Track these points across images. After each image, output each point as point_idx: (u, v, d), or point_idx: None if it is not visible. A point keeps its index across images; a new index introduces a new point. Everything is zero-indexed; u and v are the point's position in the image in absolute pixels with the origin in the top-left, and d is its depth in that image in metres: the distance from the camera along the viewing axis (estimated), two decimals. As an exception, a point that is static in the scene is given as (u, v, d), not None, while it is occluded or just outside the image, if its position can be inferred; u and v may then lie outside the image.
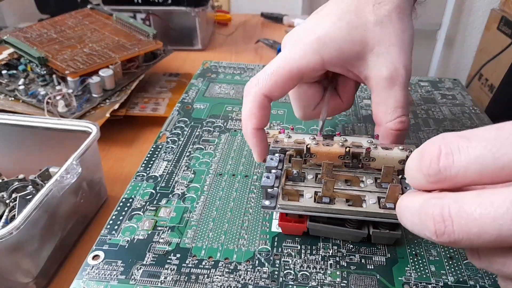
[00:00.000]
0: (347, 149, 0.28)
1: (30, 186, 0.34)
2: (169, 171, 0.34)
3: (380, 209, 0.25)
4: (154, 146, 0.37)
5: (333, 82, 0.33)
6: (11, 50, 0.52)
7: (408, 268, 0.26)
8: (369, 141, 0.28)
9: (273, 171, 0.28)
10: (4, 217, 0.32)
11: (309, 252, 0.27)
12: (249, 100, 0.29)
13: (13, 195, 0.33)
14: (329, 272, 0.26)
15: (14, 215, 0.31)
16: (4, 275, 0.28)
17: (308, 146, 0.28)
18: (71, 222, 0.33)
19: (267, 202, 0.26)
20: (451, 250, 0.27)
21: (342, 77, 0.32)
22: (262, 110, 0.29)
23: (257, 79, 0.29)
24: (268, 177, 0.26)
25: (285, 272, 0.26)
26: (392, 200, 0.25)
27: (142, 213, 0.30)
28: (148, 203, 0.31)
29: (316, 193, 0.26)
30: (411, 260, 0.27)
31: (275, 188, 0.27)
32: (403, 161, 0.27)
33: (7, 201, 0.33)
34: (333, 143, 0.28)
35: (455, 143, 0.17)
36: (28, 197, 0.32)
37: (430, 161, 0.17)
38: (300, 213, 0.26)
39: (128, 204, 0.31)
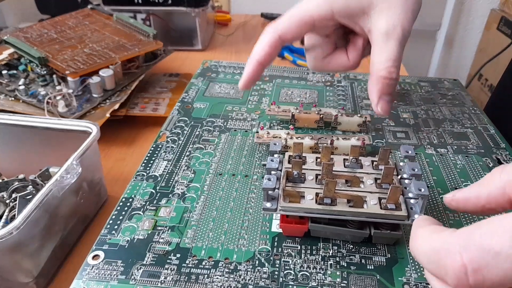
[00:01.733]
0: (321, 115, 0.39)
1: (30, 186, 0.34)
2: (169, 171, 0.34)
3: (382, 210, 0.26)
4: (154, 145, 0.37)
5: (343, 40, 0.35)
6: (12, 50, 0.52)
7: (408, 269, 0.26)
8: (336, 110, 0.39)
9: (273, 172, 0.28)
10: (4, 217, 0.32)
11: (309, 252, 0.27)
12: (264, 37, 0.32)
13: (13, 195, 0.33)
14: (329, 272, 0.26)
15: (14, 215, 0.31)
16: (4, 275, 0.28)
17: (293, 113, 0.39)
18: (71, 222, 0.33)
19: (268, 204, 0.26)
20: (451, 250, 0.27)
21: (352, 36, 0.34)
22: (271, 48, 0.32)
23: (276, 22, 0.32)
24: (269, 179, 0.27)
25: (285, 272, 0.26)
26: (393, 201, 0.26)
27: (142, 213, 0.30)
28: (148, 202, 0.31)
29: (317, 194, 0.27)
30: (411, 261, 0.27)
31: (276, 190, 0.27)
32: (360, 124, 0.39)
33: (7, 201, 0.33)
34: (310, 112, 0.39)
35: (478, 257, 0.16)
36: (28, 197, 0.32)
37: (457, 279, 0.17)
38: (302, 215, 0.26)
39: (128, 204, 0.31)
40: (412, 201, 0.27)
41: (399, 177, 0.28)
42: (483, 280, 0.16)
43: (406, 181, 0.28)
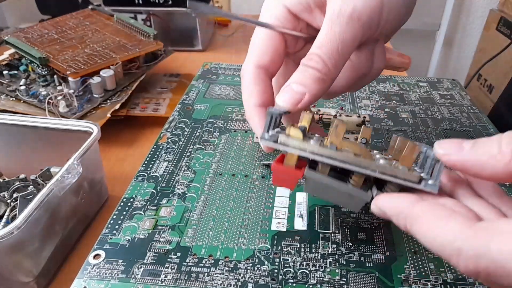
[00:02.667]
0: (320, 115, 0.40)
1: (31, 186, 0.34)
2: (169, 171, 0.34)
3: (391, 167, 0.22)
4: (154, 146, 0.37)
5: None
6: (12, 50, 0.52)
7: (407, 266, 0.26)
8: (335, 110, 0.40)
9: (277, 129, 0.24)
10: (5, 216, 0.32)
11: (308, 250, 0.27)
12: (244, 79, 0.28)
13: (14, 195, 0.33)
14: (328, 270, 0.26)
15: (15, 215, 0.32)
16: (5, 275, 0.28)
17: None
18: (72, 221, 0.33)
19: (266, 135, 0.23)
20: (450, 249, 0.28)
21: None
22: (259, 85, 0.28)
23: (246, 57, 0.29)
24: (276, 109, 0.24)
25: (284, 270, 0.26)
26: (406, 162, 0.22)
27: (142, 213, 0.30)
28: (148, 202, 0.31)
29: (321, 142, 0.23)
30: (410, 258, 0.27)
31: (280, 134, 0.23)
32: (359, 124, 0.39)
33: (8, 201, 0.33)
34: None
35: None
36: (29, 197, 0.32)
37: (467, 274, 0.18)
38: (301, 154, 0.22)
39: (129, 204, 0.31)
40: (427, 166, 0.22)
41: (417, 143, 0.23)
42: (495, 282, 0.16)
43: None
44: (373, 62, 0.29)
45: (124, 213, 0.30)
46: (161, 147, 0.37)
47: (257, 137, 0.37)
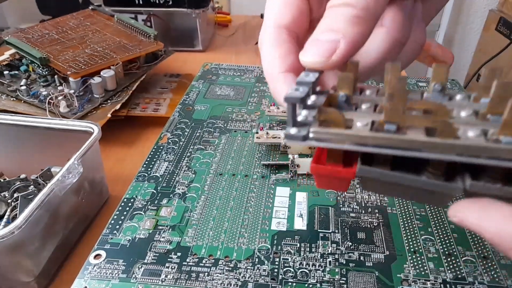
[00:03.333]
0: None
1: (32, 186, 0.34)
2: (170, 171, 0.34)
3: (490, 142, 0.15)
4: (155, 146, 0.37)
5: None
6: (13, 50, 0.52)
7: (407, 265, 0.26)
8: None
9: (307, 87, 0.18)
10: (5, 216, 0.32)
11: (308, 249, 0.27)
12: (263, 46, 0.23)
13: (15, 195, 0.33)
14: (328, 269, 0.26)
15: (16, 215, 0.32)
16: (6, 275, 0.28)
17: None
18: (73, 221, 0.33)
19: (293, 130, 0.17)
20: (450, 247, 0.28)
21: None
22: (281, 47, 0.22)
23: (263, 23, 0.23)
24: (297, 89, 0.17)
25: (284, 269, 0.26)
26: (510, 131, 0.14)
27: (143, 213, 0.30)
28: (149, 202, 0.31)
29: (373, 121, 0.17)
30: (410, 257, 0.27)
31: (308, 118, 0.17)
32: None
33: (9, 201, 0.33)
34: None
35: None
36: (29, 197, 0.32)
37: None
38: (347, 148, 0.16)
39: (130, 204, 0.31)
40: None
41: None
42: None
43: None
44: (410, 29, 0.23)
45: (125, 213, 0.30)
46: (161, 147, 0.37)
47: (257, 138, 0.37)
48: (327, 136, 0.16)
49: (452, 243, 0.28)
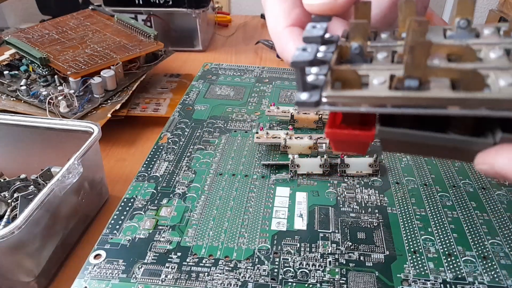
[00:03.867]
0: (320, 115, 0.37)
1: (32, 186, 0.34)
2: (170, 171, 0.34)
3: None
4: (155, 146, 0.38)
5: None
6: (13, 50, 0.52)
7: (407, 265, 0.26)
8: None
9: (315, 44, 0.16)
10: (5, 216, 0.32)
11: (308, 249, 0.27)
12: (268, 2, 0.21)
13: (15, 195, 0.33)
14: (328, 269, 0.26)
15: (16, 215, 0.32)
16: (6, 275, 0.28)
17: (292, 114, 0.38)
18: (73, 221, 0.33)
19: (304, 96, 0.15)
20: (450, 247, 0.28)
21: None
22: (285, 2, 0.20)
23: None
24: (304, 49, 0.16)
25: (284, 269, 0.26)
26: None
27: (143, 213, 0.30)
28: (149, 202, 0.31)
29: (392, 76, 0.15)
30: (410, 257, 0.27)
31: (319, 77, 0.16)
32: None
33: (9, 201, 0.33)
34: (309, 112, 0.37)
35: None
36: (29, 197, 0.32)
37: None
38: (364, 110, 0.15)
39: (130, 204, 0.31)
40: None
41: None
42: None
43: None
44: None
45: (125, 213, 0.30)
46: (161, 147, 0.37)
47: (257, 138, 0.37)
48: (342, 100, 0.15)
49: (452, 243, 0.28)
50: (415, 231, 0.29)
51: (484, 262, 0.27)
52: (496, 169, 0.14)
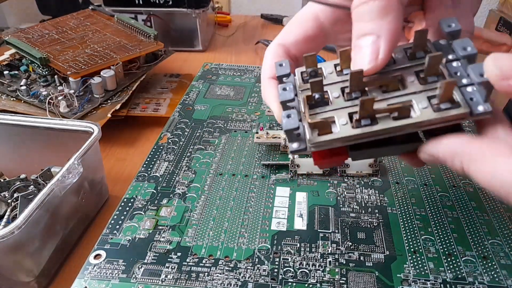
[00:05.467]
0: None
1: (32, 186, 0.34)
2: (170, 171, 0.34)
3: (435, 113, 0.20)
4: (155, 146, 0.37)
5: None
6: (13, 50, 0.52)
7: (407, 265, 0.26)
8: None
9: (291, 104, 0.22)
10: (5, 216, 0.32)
11: (308, 249, 0.27)
12: (265, 56, 0.27)
13: (15, 195, 0.33)
14: (328, 269, 0.26)
15: (16, 215, 0.32)
16: (6, 274, 0.28)
17: None
18: (73, 221, 0.33)
19: (295, 145, 0.21)
20: (450, 247, 0.28)
21: None
22: (274, 59, 0.25)
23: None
24: (289, 116, 0.21)
25: (284, 269, 0.26)
26: (447, 99, 0.20)
27: (143, 213, 0.30)
28: (149, 202, 0.31)
29: (350, 115, 0.21)
30: (410, 257, 0.27)
31: (298, 124, 0.22)
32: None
33: (9, 201, 0.33)
34: None
35: None
36: (29, 197, 0.32)
37: None
38: (339, 145, 0.21)
39: (130, 204, 0.31)
40: (468, 88, 0.20)
41: (444, 60, 0.21)
42: None
43: (454, 63, 0.21)
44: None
45: (125, 213, 0.30)
46: (161, 147, 0.37)
47: (257, 138, 0.37)
48: (322, 143, 0.21)
49: (452, 243, 0.28)
50: (415, 231, 0.29)
51: (484, 262, 0.27)
52: (440, 154, 0.20)
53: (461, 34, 0.22)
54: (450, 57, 0.21)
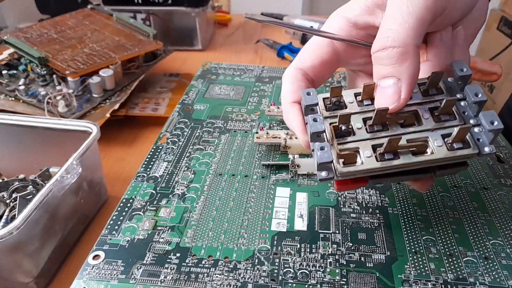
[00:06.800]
0: None
1: (31, 186, 0.34)
2: (169, 172, 0.34)
3: (449, 152, 0.23)
4: (154, 147, 0.37)
5: None
6: (12, 50, 0.52)
7: (408, 266, 0.26)
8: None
9: (321, 136, 0.24)
10: (4, 217, 0.32)
11: (308, 250, 0.27)
12: (282, 81, 0.28)
13: (14, 195, 0.33)
14: (328, 270, 0.26)
15: (15, 215, 0.31)
16: (5, 275, 0.28)
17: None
18: (72, 222, 0.33)
19: (323, 174, 0.23)
20: (451, 248, 0.27)
21: None
22: (293, 84, 0.27)
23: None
24: (323, 148, 0.23)
25: (284, 270, 0.26)
26: (460, 140, 0.23)
27: (142, 213, 0.30)
28: (148, 203, 0.31)
29: (374, 148, 0.23)
30: (411, 258, 0.27)
31: (326, 154, 0.23)
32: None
33: (8, 201, 0.33)
34: None
35: None
36: (28, 197, 0.32)
37: None
38: (363, 175, 0.24)
39: (129, 205, 0.31)
40: (476, 129, 0.23)
41: (455, 96, 0.24)
42: None
43: (462, 103, 0.24)
44: (453, 55, 0.26)
45: (124, 213, 0.30)
46: (160, 147, 0.37)
47: (257, 138, 0.37)
48: (349, 174, 0.23)
49: (453, 244, 0.28)
50: (416, 232, 0.29)
51: (486, 262, 0.27)
52: None
53: (461, 62, 0.25)
54: (458, 96, 0.24)
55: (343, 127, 0.24)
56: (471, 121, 0.23)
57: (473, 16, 0.26)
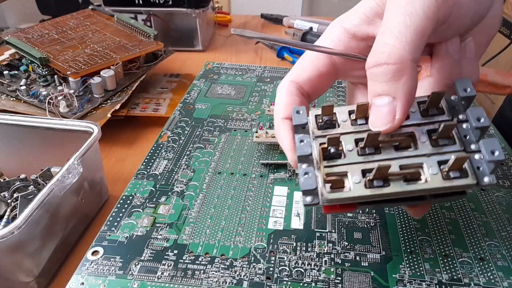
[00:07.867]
0: None
1: (32, 186, 0.34)
2: (169, 170, 0.35)
3: (445, 181, 0.20)
4: (155, 145, 0.38)
5: None
6: (13, 50, 0.52)
7: (403, 266, 0.26)
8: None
9: (308, 158, 0.22)
10: (5, 216, 0.32)
11: (304, 249, 0.28)
12: (277, 93, 0.27)
13: (15, 195, 0.34)
14: (323, 269, 0.26)
15: (16, 215, 0.32)
16: (6, 275, 0.28)
17: None
18: (72, 221, 0.33)
19: (308, 199, 0.22)
20: (447, 248, 0.28)
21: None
22: (288, 97, 0.26)
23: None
24: (307, 173, 0.22)
25: (280, 268, 0.26)
26: (457, 168, 0.20)
27: (141, 210, 0.30)
28: (147, 200, 0.31)
29: (364, 172, 0.21)
30: (406, 258, 0.27)
31: (311, 179, 0.22)
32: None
33: (9, 201, 0.34)
34: None
35: None
36: (29, 197, 0.32)
37: None
38: (350, 202, 0.22)
39: (128, 202, 0.31)
40: (476, 156, 0.21)
41: (455, 120, 0.22)
42: None
43: (464, 125, 0.22)
44: (460, 69, 0.24)
45: (123, 210, 0.30)
46: (161, 145, 0.38)
47: (257, 137, 0.37)
48: (335, 200, 0.21)
49: (449, 244, 0.28)
50: (412, 232, 0.29)
51: (481, 263, 0.27)
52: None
53: (466, 80, 0.22)
54: (460, 117, 0.22)
55: (332, 149, 0.22)
56: (472, 146, 0.21)
57: (485, 24, 0.23)
